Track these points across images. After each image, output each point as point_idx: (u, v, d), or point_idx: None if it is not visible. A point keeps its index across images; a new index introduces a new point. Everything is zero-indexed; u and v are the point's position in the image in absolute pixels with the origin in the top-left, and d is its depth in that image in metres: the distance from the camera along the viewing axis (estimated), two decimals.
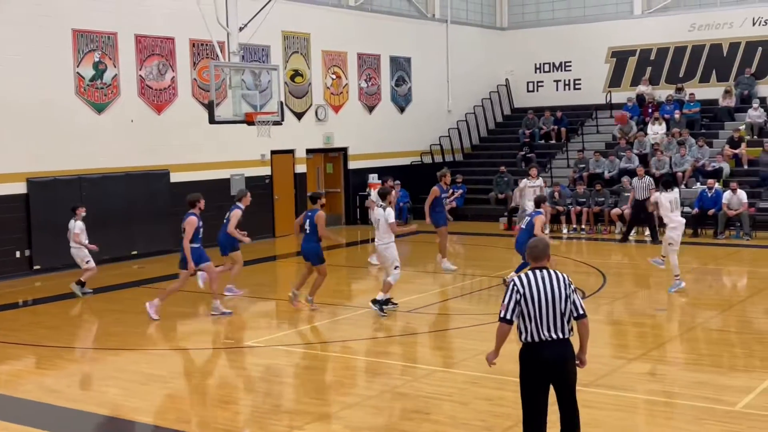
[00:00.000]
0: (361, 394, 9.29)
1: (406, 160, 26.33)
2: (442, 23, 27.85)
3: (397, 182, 20.10)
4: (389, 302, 13.07)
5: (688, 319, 12.76)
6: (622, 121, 25.35)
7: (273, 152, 22.01)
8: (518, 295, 6.44)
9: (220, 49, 17.16)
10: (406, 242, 16.51)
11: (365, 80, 25.17)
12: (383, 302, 12.81)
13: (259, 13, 17.88)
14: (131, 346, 11.58)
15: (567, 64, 29.35)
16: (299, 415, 8.61)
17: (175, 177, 19.66)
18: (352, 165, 24.73)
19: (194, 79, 20.30)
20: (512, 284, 6.51)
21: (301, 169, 23.12)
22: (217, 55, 17.36)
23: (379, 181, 20.70)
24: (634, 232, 20.80)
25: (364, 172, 24.62)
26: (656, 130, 24.70)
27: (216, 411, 8.88)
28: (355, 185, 24.61)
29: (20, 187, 17.05)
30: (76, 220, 14.78)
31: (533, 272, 6.52)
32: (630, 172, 22.24)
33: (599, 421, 7.94)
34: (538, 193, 19.92)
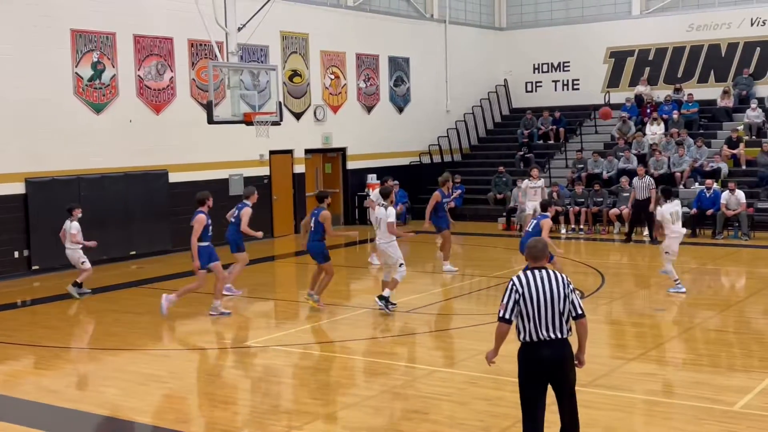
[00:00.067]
0: (360, 394, 9.29)
1: (405, 161, 26.34)
2: (441, 23, 27.86)
3: (396, 182, 20.10)
4: (389, 301, 13.10)
5: (687, 319, 12.77)
6: (606, 116, 25.45)
7: (271, 152, 22.00)
8: (517, 295, 6.46)
9: (219, 50, 17.15)
10: (406, 242, 16.49)
11: (364, 80, 25.17)
12: (389, 299, 12.87)
13: (257, 13, 17.90)
14: (130, 346, 11.57)
15: (565, 64, 29.37)
16: (298, 415, 8.61)
17: (174, 177, 19.66)
18: (351, 165, 24.73)
19: (193, 79, 20.29)
20: (511, 284, 6.53)
21: (299, 169, 23.12)
22: (216, 56, 17.35)
23: (378, 182, 20.71)
24: (633, 232, 20.81)
25: (363, 173, 24.63)
26: (654, 131, 24.72)
27: (215, 411, 8.88)
28: (353, 185, 24.61)
29: (19, 188, 17.04)
30: (72, 221, 14.74)
31: (532, 272, 6.53)
32: (628, 173, 22.26)
33: (598, 421, 7.95)
34: (540, 194, 20.02)
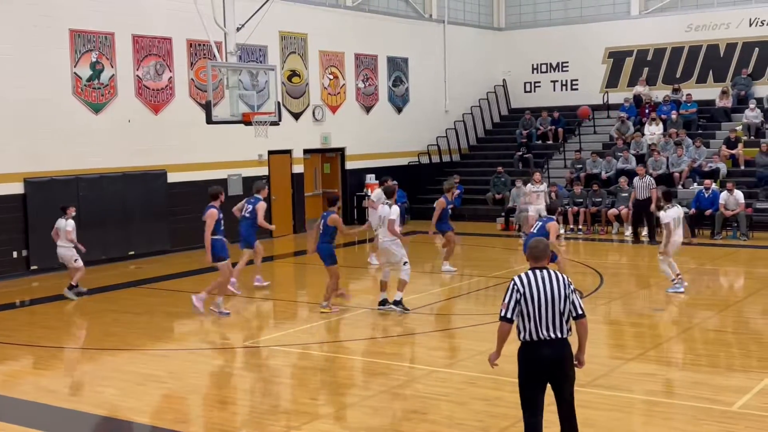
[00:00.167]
0: (359, 395, 9.29)
1: (404, 161, 26.34)
2: (440, 24, 27.86)
3: (395, 182, 20.10)
4: (386, 302, 13.10)
5: (686, 319, 12.77)
6: (584, 115, 25.79)
7: (270, 152, 21.99)
8: (518, 294, 6.48)
9: (218, 50, 17.14)
10: (404, 243, 16.49)
11: (362, 80, 25.17)
12: (400, 301, 12.95)
13: (256, 13, 17.90)
14: (128, 346, 11.56)
15: (564, 64, 29.38)
16: (297, 415, 8.61)
17: (173, 177, 19.66)
18: (350, 165, 24.72)
19: (191, 79, 20.28)
20: (512, 283, 6.55)
21: (298, 169, 23.12)
22: (215, 56, 17.34)
23: (377, 182, 20.69)
24: (631, 233, 20.81)
25: (362, 173, 24.64)
26: (653, 131, 24.73)
27: (213, 411, 8.87)
28: (352, 185, 24.61)
29: (17, 188, 17.03)
30: (67, 219, 14.73)
31: (533, 272, 6.56)
32: (627, 173, 22.26)
33: (596, 421, 7.95)
34: (542, 198, 20.03)
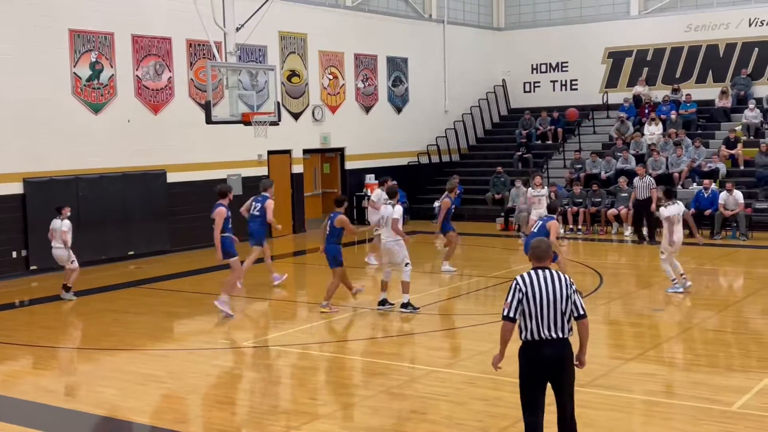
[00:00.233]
0: (359, 395, 9.29)
1: (403, 161, 26.34)
2: (439, 24, 27.86)
3: (394, 182, 20.12)
4: (386, 302, 13.11)
5: (685, 319, 12.78)
6: (572, 117, 26.10)
7: (270, 152, 21.99)
8: (521, 294, 6.49)
9: (217, 50, 17.13)
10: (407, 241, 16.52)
11: (362, 81, 25.17)
12: (408, 302, 12.97)
13: (256, 13, 17.90)
14: (128, 346, 11.56)
15: (564, 64, 29.38)
16: (296, 415, 8.61)
17: (172, 177, 19.66)
18: (349, 165, 24.72)
19: (191, 79, 20.28)
20: (515, 283, 6.57)
21: (298, 169, 23.11)
22: (214, 56, 17.34)
23: (376, 182, 20.69)
24: (631, 233, 20.83)
25: (361, 173, 24.65)
26: (653, 131, 24.73)
27: (213, 411, 8.87)
28: (352, 186, 24.60)
29: (17, 188, 17.03)
30: (63, 219, 14.69)
31: (536, 272, 6.58)
32: (627, 173, 22.26)
33: (596, 421, 7.95)
34: (543, 202, 20.05)
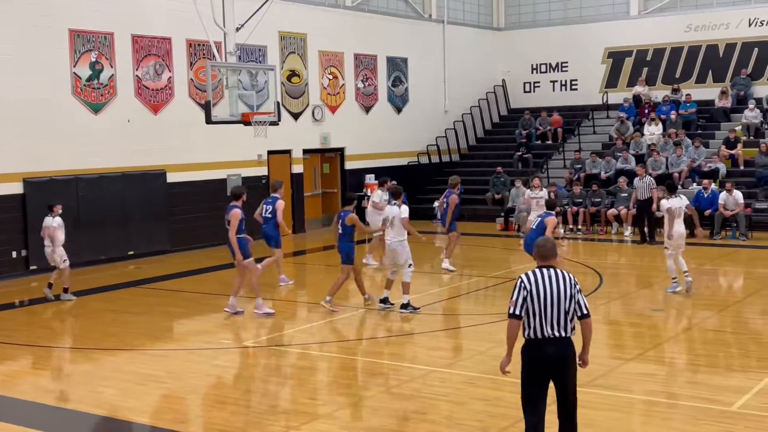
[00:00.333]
0: (358, 395, 9.29)
1: (403, 161, 26.34)
2: (439, 24, 27.87)
3: (393, 182, 20.15)
4: (387, 300, 13.13)
5: (685, 319, 12.78)
6: (557, 124, 26.37)
7: (270, 152, 21.99)
8: (525, 292, 6.51)
9: (217, 50, 17.13)
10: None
11: (362, 80, 25.17)
12: (408, 303, 12.99)
13: (255, 13, 17.90)
14: (128, 346, 11.56)
15: (563, 64, 29.38)
16: (296, 415, 8.62)
17: (172, 177, 19.66)
18: (349, 165, 24.72)
19: (191, 79, 20.28)
20: (519, 281, 6.58)
21: (297, 169, 23.11)
22: (214, 56, 17.34)
23: (376, 182, 20.70)
24: (631, 233, 20.84)
25: (361, 173, 24.65)
26: (652, 131, 24.73)
27: (213, 411, 8.87)
28: (351, 186, 24.58)
29: (17, 188, 17.03)
30: (54, 217, 14.62)
31: (540, 270, 6.60)
32: (626, 173, 22.26)
33: (595, 422, 7.95)
34: (542, 204, 20.03)
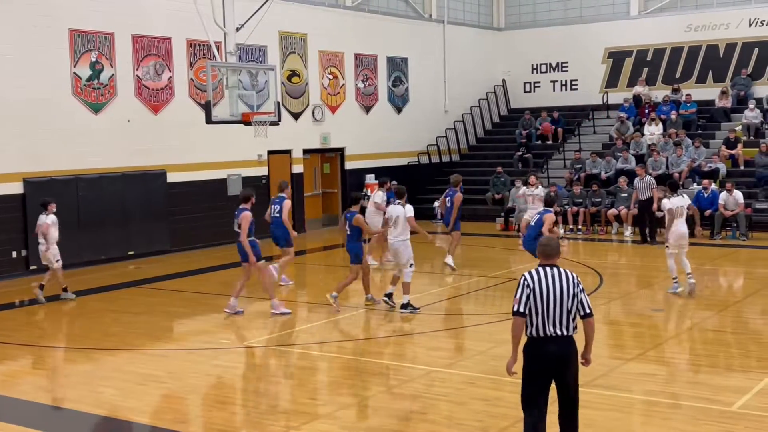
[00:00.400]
0: (358, 395, 9.29)
1: (403, 161, 26.34)
2: (439, 24, 27.86)
3: (394, 182, 20.17)
4: (391, 297, 13.15)
5: (685, 319, 12.78)
6: (547, 131, 26.54)
7: (270, 152, 21.99)
8: (528, 290, 6.53)
9: (217, 50, 17.14)
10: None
11: (362, 80, 25.17)
12: (408, 303, 13.00)
13: (256, 13, 17.90)
14: (128, 346, 11.57)
15: (564, 64, 29.38)
16: (296, 415, 8.62)
17: (172, 177, 19.67)
18: (349, 165, 24.73)
19: (191, 79, 20.28)
20: (523, 279, 6.60)
21: (298, 169, 23.12)
22: (214, 56, 17.34)
23: (376, 182, 20.71)
24: (631, 233, 20.85)
25: (361, 173, 24.65)
26: (653, 131, 24.73)
27: (213, 411, 8.88)
28: (352, 185, 24.58)
29: (17, 187, 17.03)
30: (48, 215, 14.56)
31: (543, 269, 6.61)
32: (627, 173, 22.26)
33: (595, 422, 7.95)
34: (538, 201, 20.02)
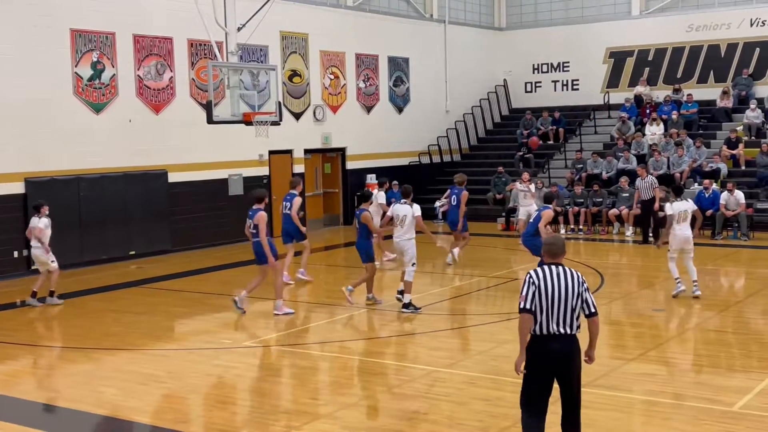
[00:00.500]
0: (359, 395, 9.30)
1: (404, 161, 26.34)
2: (440, 23, 27.86)
3: (395, 182, 20.23)
4: (404, 294, 13.17)
5: (686, 319, 12.77)
6: (534, 145, 26.67)
7: (271, 152, 22.00)
8: (534, 287, 6.54)
9: (218, 49, 17.14)
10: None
11: (363, 80, 25.17)
12: (410, 303, 13.03)
13: (257, 13, 17.89)
14: (129, 346, 11.57)
15: (565, 64, 29.37)
16: (297, 415, 8.62)
17: (173, 177, 19.67)
18: (350, 165, 24.73)
19: (192, 79, 20.29)
20: (528, 277, 6.61)
21: (299, 169, 23.11)
22: (216, 55, 17.34)
23: (377, 182, 20.73)
24: (632, 233, 20.84)
25: (362, 173, 24.64)
26: (654, 131, 24.73)
27: (214, 411, 8.88)
28: (353, 185, 24.59)
29: (18, 187, 17.04)
30: (41, 218, 14.46)
31: (549, 267, 6.63)
32: (628, 173, 22.25)
33: (596, 422, 7.95)
34: (530, 198, 20.08)
